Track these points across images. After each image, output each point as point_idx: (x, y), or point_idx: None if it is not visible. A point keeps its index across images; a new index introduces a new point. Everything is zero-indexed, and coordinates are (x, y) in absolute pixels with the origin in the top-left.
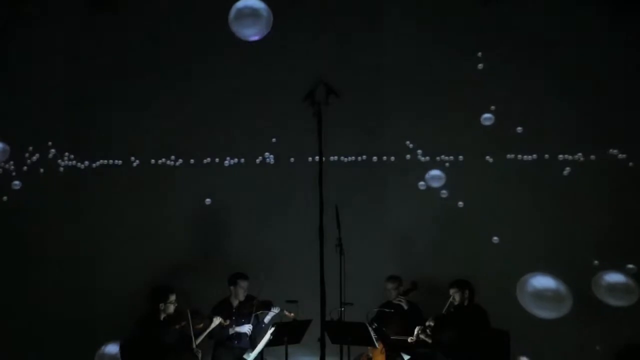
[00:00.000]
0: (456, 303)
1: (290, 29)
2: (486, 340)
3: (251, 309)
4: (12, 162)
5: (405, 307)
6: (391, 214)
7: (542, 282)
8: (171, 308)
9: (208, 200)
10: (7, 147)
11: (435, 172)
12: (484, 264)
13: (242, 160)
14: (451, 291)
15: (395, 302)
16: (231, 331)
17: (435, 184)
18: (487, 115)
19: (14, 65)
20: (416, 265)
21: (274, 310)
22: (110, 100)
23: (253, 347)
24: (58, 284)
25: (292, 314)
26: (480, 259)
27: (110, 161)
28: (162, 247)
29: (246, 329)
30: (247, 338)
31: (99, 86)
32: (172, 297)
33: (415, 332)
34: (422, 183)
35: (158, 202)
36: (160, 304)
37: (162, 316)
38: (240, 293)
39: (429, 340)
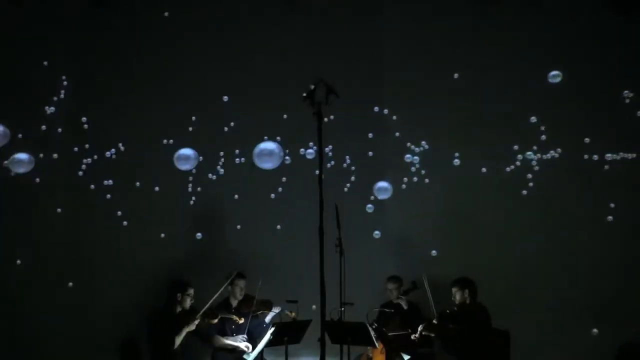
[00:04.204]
0: (457, 302)
1: (289, 27)
2: (486, 340)
3: (251, 309)
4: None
5: (405, 307)
6: (391, 213)
7: None
8: (188, 301)
9: (199, 235)
10: (8, 131)
11: (382, 184)
12: (485, 264)
13: (242, 159)
14: (453, 290)
15: (395, 301)
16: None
17: (383, 196)
18: (554, 72)
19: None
20: (416, 265)
21: (275, 310)
22: (109, 99)
23: (253, 347)
24: (57, 284)
25: (292, 314)
26: (481, 259)
27: (108, 160)
28: (159, 247)
29: (240, 340)
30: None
31: (96, 85)
32: (191, 290)
33: (419, 329)
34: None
35: (156, 202)
36: (178, 294)
37: (178, 309)
38: (237, 292)
39: (432, 334)
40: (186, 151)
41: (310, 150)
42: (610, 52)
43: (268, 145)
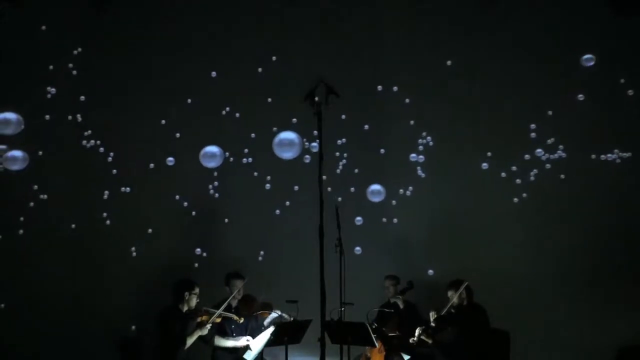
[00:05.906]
0: (455, 304)
1: (289, 27)
2: (486, 340)
3: (251, 310)
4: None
5: (401, 306)
6: (392, 214)
7: None
8: (194, 300)
9: (198, 250)
10: (22, 118)
11: (374, 187)
12: (484, 264)
13: (243, 159)
14: (449, 293)
15: (392, 300)
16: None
17: (376, 199)
18: (588, 55)
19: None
20: (415, 265)
21: (275, 314)
22: (109, 99)
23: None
24: (57, 283)
25: (292, 319)
26: (480, 260)
27: (108, 160)
28: (160, 248)
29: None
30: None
31: (98, 85)
32: (197, 289)
33: (417, 333)
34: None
35: (157, 202)
36: (186, 293)
37: (185, 309)
38: (235, 292)
39: (429, 341)
40: (212, 149)
41: (314, 144)
42: (613, 51)
43: (288, 135)
